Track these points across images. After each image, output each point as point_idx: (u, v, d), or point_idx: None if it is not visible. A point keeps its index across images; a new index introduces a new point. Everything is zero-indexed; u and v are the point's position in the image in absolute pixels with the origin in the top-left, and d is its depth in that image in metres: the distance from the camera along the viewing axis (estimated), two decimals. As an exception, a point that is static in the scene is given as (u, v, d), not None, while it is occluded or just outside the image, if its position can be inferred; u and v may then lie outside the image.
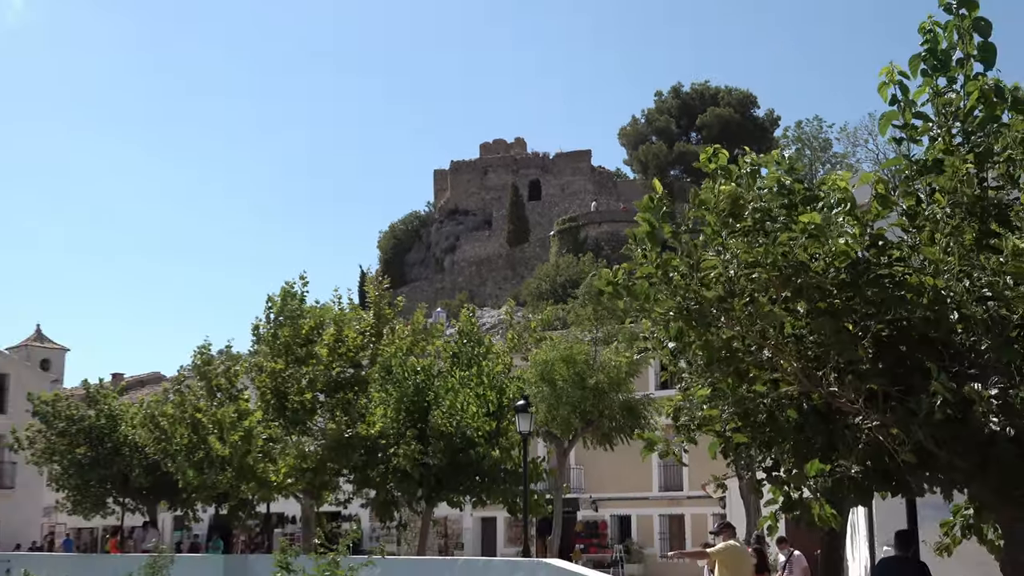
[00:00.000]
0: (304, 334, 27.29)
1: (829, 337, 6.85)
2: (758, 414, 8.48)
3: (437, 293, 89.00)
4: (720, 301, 7.25)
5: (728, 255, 7.00)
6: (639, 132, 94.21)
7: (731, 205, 7.16)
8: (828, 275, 6.71)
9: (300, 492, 27.51)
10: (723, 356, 7.90)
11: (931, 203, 7.35)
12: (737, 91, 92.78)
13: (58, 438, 33.26)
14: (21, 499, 43.94)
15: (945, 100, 7.30)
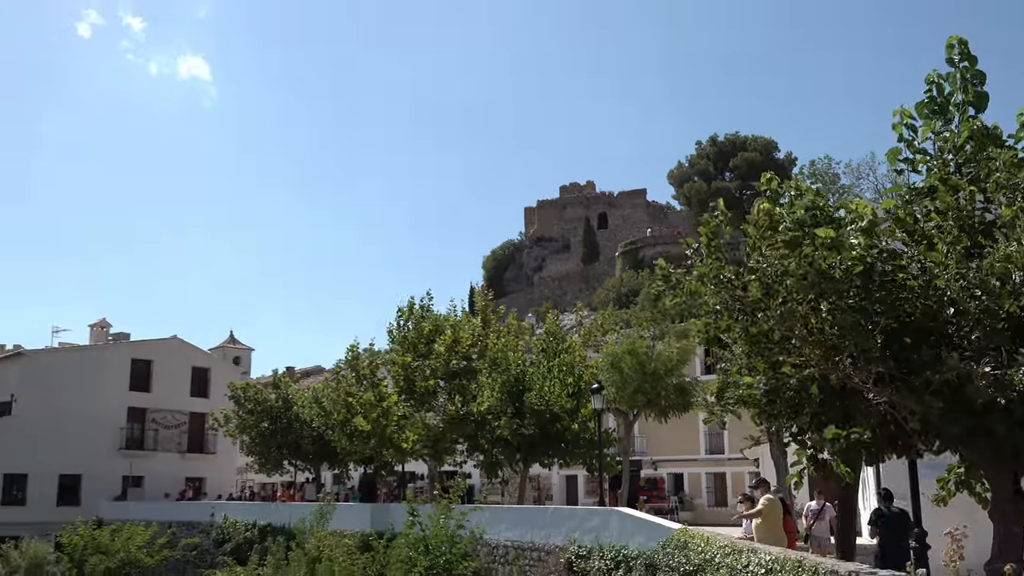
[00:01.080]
0: (426, 335, 27.46)
1: (846, 330, 6.61)
2: (786, 391, 8.30)
3: (528, 302, 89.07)
4: (759, 300, 7.08)
5: (765, 264, 6.82)
6: (684, 173, 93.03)
7: (768, 221, 6.96)
8: (845, 280, 6.50)
9: (426, 456, 27.61)
10: (760, 344, 7.72)
11: (926, 221, 7.07)
12: (761, 138, 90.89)
13: (247, 416, 33.96)
14: (221, 462, 44.72)
15: (942, 138, 7.02)
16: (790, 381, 8.11)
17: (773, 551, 11.24)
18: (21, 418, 39.00)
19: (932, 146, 7.23)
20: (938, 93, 7.03)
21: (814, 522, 15.64)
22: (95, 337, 48.37)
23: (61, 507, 38.43)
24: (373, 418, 26.46)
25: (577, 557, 18.10)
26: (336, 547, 20.78)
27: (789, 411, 8.51)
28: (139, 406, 42.39)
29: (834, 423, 7.77)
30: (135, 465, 41.17)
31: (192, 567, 32.07)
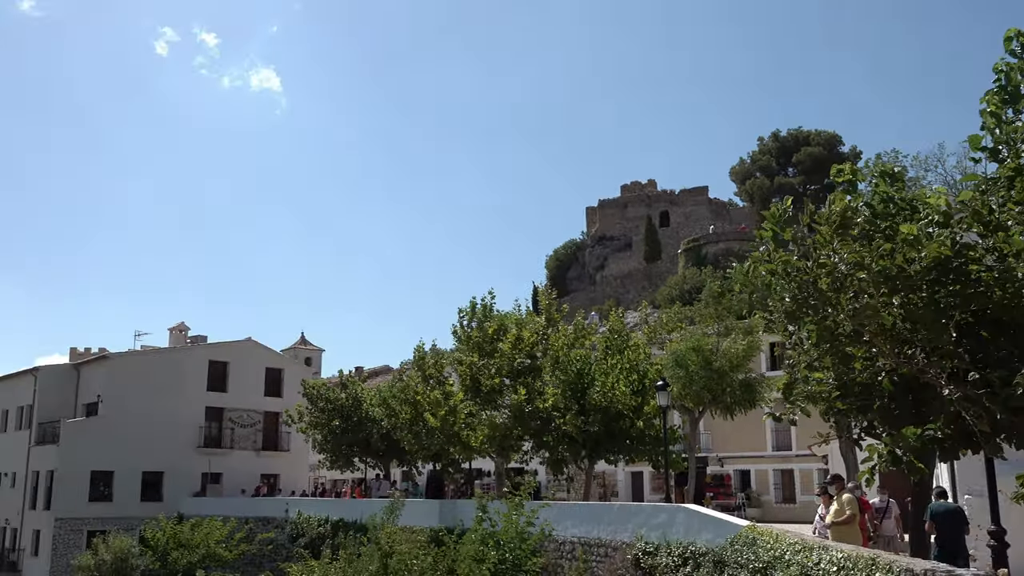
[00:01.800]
0: (491, 334, 27.60)
1: (919, 324, 6.46)
2: (855, 386, 8.14)
3: (591, 301, 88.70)
4: (830, 295, 6.97)
5: (837, 257, 6.70)
6: (746, 170, 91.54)
7: (842, 216, 6.85)
8: (920, 274, 6.33)
9: (493, 453, 27.76)
10: (830, 338, 7.59)
11: (1002, 212, 6.83)
12: (825, 132, 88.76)
13: (319, 414, 34.53)
14: (294, 459, 45.48)
15: (1012, 128, 6.76)
16: (860, 375, 7.95)
17: (845, 549, 11.04)
18: (107, 418, 40.52)
19: (1004, 134, 6.98)
20: (1007, 82, 6.77)
21: (880, 520, 15.29)
22: (174, 340, 49.91)
23: (144, 503, 39.78)
24: (441, 415, 26.74)
25: (644, 553, 18.02)
26: (406, 542, 21.08)
27: (859, 406, 8.34)
28: (216, 406, 43.58)
29: (906, 418, 7.60)
30: (213, 462, 42.38)
31: (268, 561, 32.86)
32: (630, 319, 56.38)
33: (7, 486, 44.53)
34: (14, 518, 42.70)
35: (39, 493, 40.72)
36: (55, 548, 38.26)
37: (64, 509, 38.66)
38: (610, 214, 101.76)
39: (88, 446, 39.49)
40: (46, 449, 40.62)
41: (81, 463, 39.21)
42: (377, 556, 20.50)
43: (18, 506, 42.40)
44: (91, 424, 40.55)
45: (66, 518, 38.60)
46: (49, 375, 43.94)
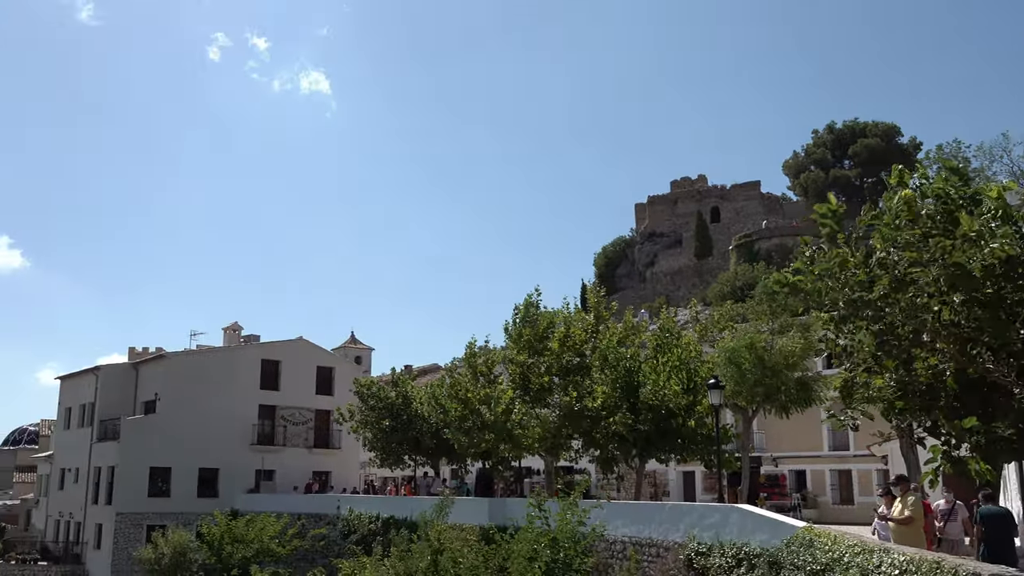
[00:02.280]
0: (541, 332, 27.56)
1: (985, 323, 6.24)
2: (917, 386, 7.93)
3: (640, 298, 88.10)
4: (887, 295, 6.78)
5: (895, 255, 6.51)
6: (800, 163, 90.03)
7: (907, 211, 6.64)
8: (984, 273, 6.11)
9: (543, 451, 27.74)
10: (888, 340, 7.39)
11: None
12: (883, 124, 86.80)
13: (370, 412, 34.82)
14: (345, 457, 46.06)
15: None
16: (923, 375, 7.73)
17: (908, 551, 10.77)
18: (164, 415, 41.53)
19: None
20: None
21: (945, 523, 14.87)
22: (228, 339, 50.91)
23: (201, 499, 40.68)
24: (498, 412, 26.83)
25: (697, 554, 17.84)
26: (456, 539, 21.19)
27: (922, 406, 8.12)
28: (269, 404, 44.33)
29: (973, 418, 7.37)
30: (266, 459, 43.15)
31: (320, 557, 33.31)
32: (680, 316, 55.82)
33: (71, 481, 45.94)
34: (77, 512, 44.03)
35: (101, 488, 41.91)
36: (116, 542, 39.34)
37: (125, 504, 39.73)
38: (660, 210, 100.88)
39: (147, 443, 40.50)
40: (107, 446, 41.78)
41: (140, 459, 40.25)
42: (427, 553, 20.65)
43: (81, 501, 43.70)
44: (149, 421, 41.59)
45: (126, 513, 39.67)
46: (110, 374, 45.18)
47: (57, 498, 47.54)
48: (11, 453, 65.24)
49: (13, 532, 54.84)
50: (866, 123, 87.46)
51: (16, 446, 65.30)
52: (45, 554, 45.71)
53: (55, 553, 45.19)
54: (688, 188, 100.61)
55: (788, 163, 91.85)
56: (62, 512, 46.23)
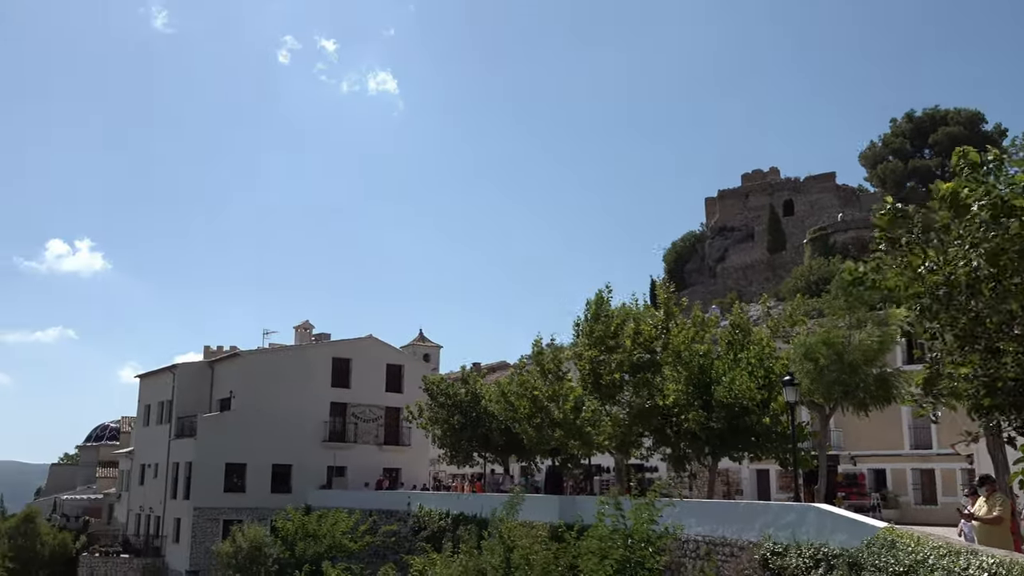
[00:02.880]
0: (612, 329, 27.50)
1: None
2: (1005, 381, 7.67)
3: (711, 294, 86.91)
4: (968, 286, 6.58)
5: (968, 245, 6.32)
6: (877, 153, 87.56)
7: (955, 200, 6.45)
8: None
9: (613, 449, 27.69)
10: (972, 333, 7.17)
11: None
12: (965, 111, 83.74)
13: (439, 409, 35.17)
14: (415, 453, 46.65)
15: None
16: (1012, 370, 7.48)
17: (997, 554, 10.46)
18: (239, 413, 42.76)
19: None
20: None
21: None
22: (299, 338, 52.07)
23: (275, 494, 41.75)
24: (567, 409, 26.89)
25: (773, 554, 17.61)
26: (527, 537, 21.32)
27: (1013, 403, 7.85)
28: (340, 401, 45.24)
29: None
30: (338, 456, 43.99)
31: (391, 553, 33.88)
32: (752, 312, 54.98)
33: (151, 476, 47.67)
34: (157, 507, 45.69)
35: (179, 483, 43.38)
36: (194, 535, 40.70)
37: (201, 499, 41.04)
38: (730, 204, 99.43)
39: (222, 439, 41.75)
40: (184, 442, 43.22)
41: (216, 456, 41.51)
42: (499, 550, 20.84)
43: (160, 495, 45.33)
44: (225, 419, 42.86)
45: (203, 507, 40.98)
46: (186, 372, 46.74)
47: (138, 493, 49.38)
48: (94, 449, 68.08)
49: (97, 525, 57.26)
50: (947, 110, 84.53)
51: (99, 442, 68.11)
52: (127, 547, 47.53)
53: (136, 546, 46.94)
54: (760, 181, 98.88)
55: (865, 154, 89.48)
56: (142, 506, 48.01)
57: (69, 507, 60.63)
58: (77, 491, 64.43)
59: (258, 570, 32.65)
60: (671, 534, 18.72)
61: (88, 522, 57.86)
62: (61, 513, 59.58)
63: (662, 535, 18.42)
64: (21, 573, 48.90)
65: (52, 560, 50.47)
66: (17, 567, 48.80)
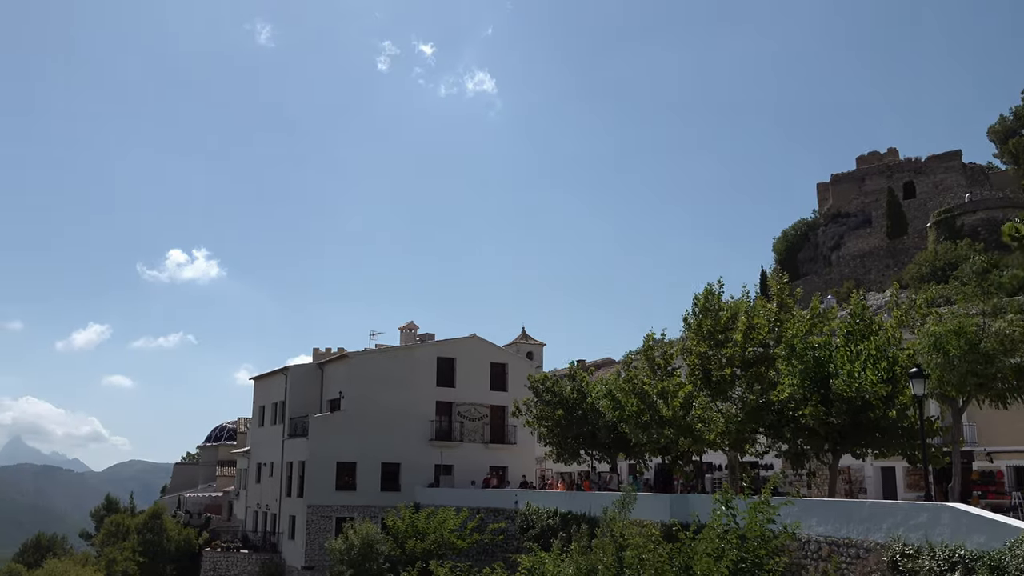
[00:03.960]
0: (722, 323, 26.92)
1: None
2: None
3: (826, 284, 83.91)
4: None
5: None
6: (1008, 127, 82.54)
7: None
8: None
9: (726, 446, 27.09)
10: None
11: None
12: (1107, 78, 78.12)
13: (544, 407, 35.17)
14: (521, 451, 47.03)
15: None
16: None
17: None
18: (348, 413, 43.97)
19: None
20: None
21: None
22: (405, 338, 53.08)
23: (384, 492, 42.82)
24: (675, 406, 26.47)
25: (903, 556, 16.84)
26: (639, 535, 21.05)
27: None
28: (445, 400, 45.97)
29: None
30: (445, 454, 44.73)
31: (500, 551, 34.15)
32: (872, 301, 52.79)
33: (266, 475, 49.67)
34: (273, 504, 47.56)
35: (293, 482, 44.99)
36: (308, 532, 42.10)
37: (315, 497, 42.41)
38: (845, 189, 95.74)
39: (333, 439, 43.05)
40: (297, 442, 44.76)
41: (328, 455, 42.83)
42: (611, 549, 20.66)
43: (276, 493, 47.17)
44: (335, 419, 44.15)
45: (317, 505, 42.35)
46: (297, 374, 48.43)
47: (255, 490, 51.52)
48: (213, 449, 71.50)
49: (217, 522, 60.16)
50: (1088, 77, 79.13)
51: (217, 442, 71.50)
52: (246, 542, 49.74)
53: (254, 542, 49.05)
54: (877, 163, 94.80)
55: (994, 128, 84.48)
56: (259, 504, 50.06)
57: (192, 504, 63.85)
58: (198, 489, 67.77)
59: (370, 567, 33.47)
60: (789, 533, 18.19)
61: (209, 518, 60.81)
62: (185, 510, 62.81)
63: (780, 535, 17.91)
64: (150, 566, 51.83)
65: (178, 554, 53.36)
66: (146, 560, 51.75)
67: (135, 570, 51.11)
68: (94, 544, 62.89)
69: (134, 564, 51.28)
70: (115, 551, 52.59)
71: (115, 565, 51.22)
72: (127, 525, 55.81)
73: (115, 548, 53.15)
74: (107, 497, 69.81)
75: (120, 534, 55.33)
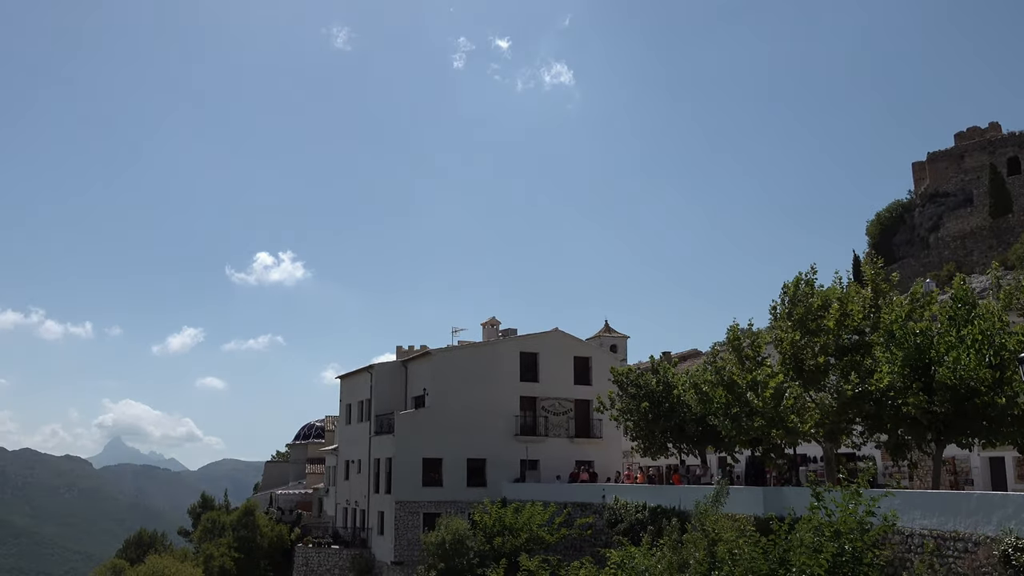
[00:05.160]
0: (814, 310, 26.39)
1: None
2: None
3: (924, 267, 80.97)
4: None
5: None
6: (1120, 96, 78.08)
7: None
8: None
9: (820, 437, 26.57)
10: None
11: None
12: None
13: (630, 400, 35.03)
14: (607, 445, 46.94)
15: None
16: None
17: None
18: (433, 409, 44.69)
19: None
20: None
21: None
22: (487, 334, 53.64)
23: (470, 488, 43.37)
24: (766, 397, 26.08)
25: (1015, 549, 16.29)
26: (732, 530, 20.84)
27: None
28: (529, 395, 46.24)
29: None
30: (530, 449, 45.05)
31: (588, 546, 34.26)
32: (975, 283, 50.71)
33: (355, 472, 50.93)
34: (362, 501, 48.76)
35: (380, 478, 46.00)
36: (397, 528, 42.95)
37: (402, 493, 43.26)
38: (943, 167, 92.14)
39: (418, 435, 43.85)
40: (384, 439, 45.75)
41: (414, 451, 43.64)
42: (702, 543, 20.54)
43: (364, 490, 48.32)
44: (420, 415, 44.94)
45: (404, 501, 43.18)
46: (382, 372, 49.45)
47: (343, 487, 52.87)
48: (303, 447, 73.65)
49: (308, 518, 62.00)
50: None
51: (306, 440, 73.61)
52: (336, 538, 51.11)
53: (345, 538, 50.35)
54: (978, 139, 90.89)
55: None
56: (348, 500, 51.38)
57: (283, 501, 65.90)
58: (289, 486, 69.91)
59: (460, 562, 34.04)
60: (889, 525, 17.77)
61: (300, 515, 62.70)
62: (276, 507, 64.84)
63: (878, 527, 17.52)
64: (245, 562, 53.76)
65: (271, 550, 55.22)
66: (242, 556, 53.67)
67: (231, 566, 53.02)
68: (192, 540, 65.41)
69: (230, 560, 53.21)
70: (212, 547, 54.64)
71: (213, 561, 53.24)
72: (222, 522, 57.90)
73: (212, 544, 55.22)
74: (203, 495, 72.45)
75: (216, 531, 57.43)
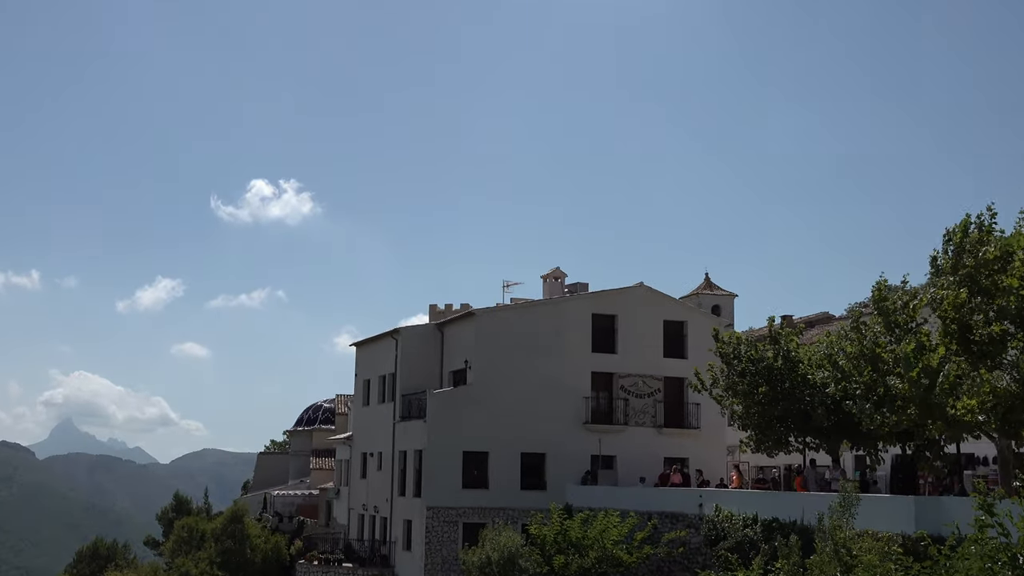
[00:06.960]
0: (989, 263, 25.97)
1: None
2: None
3: None
4: None
5: None
6: None
7: None
8: None
9: (993, 430, 26.37)
10: None
11: None
12: None
13: (739, 379, 34.82)
14: (706, 438, 47.02)
15: None
16: None
17: None
18: (477, 387, 45.11)
19: None
20: None
21: None
22: (548, 290, 53.50)
23: (524, 491, 43.83)
24: (912, 377, 25.87)
25: None
26: (872, 551, 20.94)
27: None
28: (604, 371, 46.41)
29: None
30: (604, 442, 45.21)
31: (679, 568, 34.59)
32: None
33: (373, 468, 51.75)
34: (383, 505, 49.53)
35: (407, 477, 46.72)
36: (428, 542, 43.64)
37: (436, 497, 43.97)
38: None
39: (458, 421, 44.42)
40: (412, 425, 46.41)
41: (451, 442, 44.25)
42: (831, 567, 20.69)
43: (386, 492, 49.09)
44: (459, 395, 45.43)
45: (438, 507, 43.85)
46: (411, 337, 49.91)
47: (359, 488, 53.87)
48: (306, 435, 74.14)
49: (313, 527, 63.07)
50: None
51: (311, 426, 73.97)
52: (349, 554, 51.95)
53: (360, 553, 51.27)
54: None
55: None
56: (365, 505, 52.37)
57: (281, 504, 67.01)
58: (288, 485, 71.05)
59: (511, 587, 34.57)
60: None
61: (303, 523, 63.86)
62: (273, 512, 65.86)
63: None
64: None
65: (265, 567, 56.16)
66: (227, 575, 54.71)
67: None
68: (162, 553, 67.04)
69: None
70: (188, 562, 55.65)
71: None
72: (202, 530, 59.14)
73: (188, 559, 56.22)
74: (176, 495, 74.09)
75: (194, 541, 58.65)
